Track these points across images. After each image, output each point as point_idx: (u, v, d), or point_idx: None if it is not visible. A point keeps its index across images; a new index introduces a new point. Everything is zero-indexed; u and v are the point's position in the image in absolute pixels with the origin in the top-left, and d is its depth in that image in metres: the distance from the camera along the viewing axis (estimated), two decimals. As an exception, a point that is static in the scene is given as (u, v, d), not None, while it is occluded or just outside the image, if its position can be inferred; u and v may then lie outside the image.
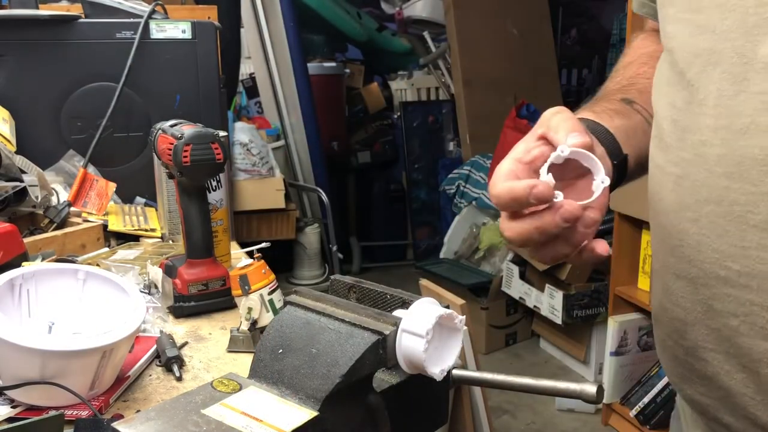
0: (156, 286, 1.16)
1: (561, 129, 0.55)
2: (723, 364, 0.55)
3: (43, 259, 1.16)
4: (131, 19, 1.65)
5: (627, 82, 0.73)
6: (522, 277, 3.06)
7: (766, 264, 0.50)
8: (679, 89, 0.57)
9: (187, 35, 1.68)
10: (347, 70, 4.41)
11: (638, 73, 0.73)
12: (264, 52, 3.69)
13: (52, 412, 0.74)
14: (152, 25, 1.65)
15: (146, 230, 1.47)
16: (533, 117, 3.38)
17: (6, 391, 0.78)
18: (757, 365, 0.52)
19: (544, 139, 0.57)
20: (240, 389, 0.44)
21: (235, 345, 0.99)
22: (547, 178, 0.53)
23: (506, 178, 0.54)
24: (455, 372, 0.49)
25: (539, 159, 0.55)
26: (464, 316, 0.48)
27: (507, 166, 0.56)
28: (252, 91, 3.95)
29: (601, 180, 0.55)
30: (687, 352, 0.59)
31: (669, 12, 0.59)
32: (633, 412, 2.40)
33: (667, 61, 0.60)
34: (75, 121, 1.64)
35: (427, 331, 0.45)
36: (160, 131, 1.11)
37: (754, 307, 0.51)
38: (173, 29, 1.67)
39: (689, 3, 0.56)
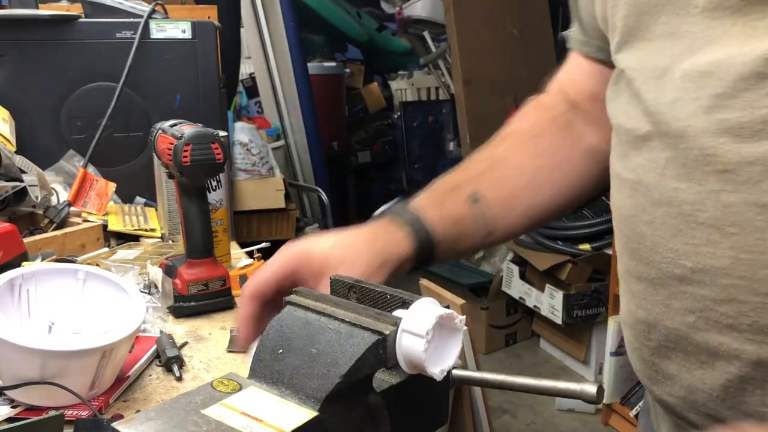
0: (156, 286, 1.16)
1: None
2: (683, 362, 0.57)
3: (42, 259, 1.16)
4: (131, 19, 1.65)
5: (486, 167, 0.73)
6: (522, 277, 3.06)
7: (716, 259, 0.52)
8: (634, 102, 0.59)
9: (187, 35, 1.68)
10: (347, 70, 4.41)
11: (503, 156, 0.74)
12: (264, 52, 3.69)
13: (52, 412, 0.74)
14: (152, 24, 1.65)
15: (146, 230, 1.47)
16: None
17: (6, 391, 0.78)
18: (713, 359, 0.54)
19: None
20: (240, 389, 0.44)
21: (235, 345, 0.99)
22: None
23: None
24: (455, 372, 0.49)
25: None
26: (464, 316, 0.48)
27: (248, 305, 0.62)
28: (252, 91, 3.95)
29: None
30: (652, 352, 0.60)
31: (618, 42, 0.61)
32: (633, 412, 2.40)
33: (623, 80, 0.61)
34: (75, 121, 1.64)
35: (427, 331, 0.45)
36: (160, 131, 1.11)
37: (708, 302, 0.53)
38: (173, 29, 1.67)
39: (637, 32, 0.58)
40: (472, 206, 0.70)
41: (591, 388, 0.45)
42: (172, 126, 1.10)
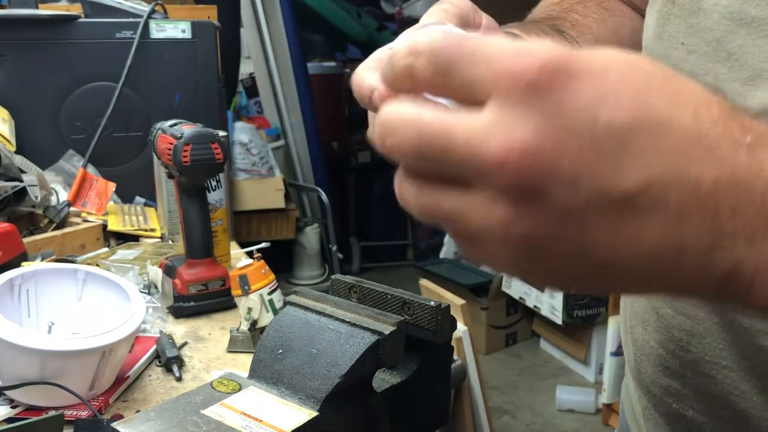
0: (156, 286, 1.16)
1: (430, 18, 0.47)
2: (739, 384, 0.49)
3: (42, 259, 1.16)
4: (131, 19, 1.64)
5: (558, 14, 0.65)
6: (522, 277, 3.06)
7: None
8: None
9: (187, 35, 1.68)
10: (347, 70, 4.41)
11: (572, 8, 0.66)
12: (264, 51, 3.69)
13: (52, 413, 0.74)
14: (152, 24, 1.65)
15: (146, 230, 1.47)
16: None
17: (5, 391, 0.78)
18: None
19: None
20: (240, 389, 0.44)
21: (234, 345, 0.99)
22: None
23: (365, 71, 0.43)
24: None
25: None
26: None
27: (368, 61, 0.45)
28: (252, 90, 3.95)
29: None
30: (685, 364, 0.53)
31: None
32: (633, 412, 2.40)
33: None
34: (74, 121, 1.64)
35: None
36: (159, 131, 1.11)
37: None
38: (173, 29, 1.67)
39: None
40: (559, 35, 0.61)
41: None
42: (171, 126, 1.10)
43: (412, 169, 0.32)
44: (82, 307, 0.90)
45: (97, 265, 1.16)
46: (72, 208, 1.43)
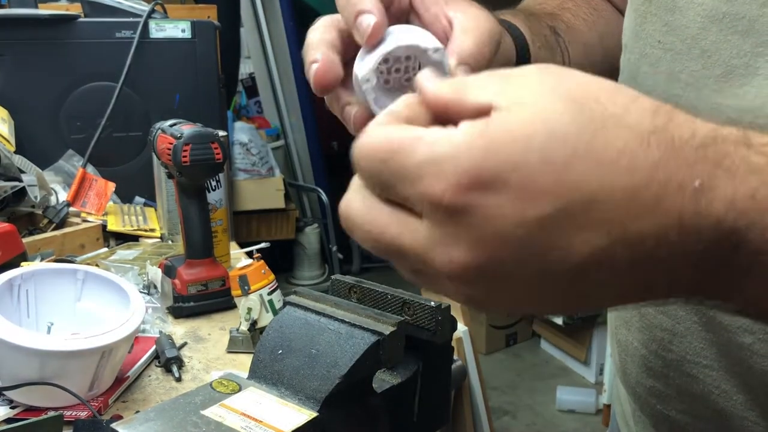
0: (155, 287, 1.16)
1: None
2: (720, 383, 0.49)
3: (42, 260, 1.16)
4: (130, 19, 1.64)
5: (553, 10, 0.64)
6: (522, 277, 3.06)
7: None
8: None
9: (187, 35, 1.68)
10: (347, 70, 4.41)
11: (563, 5, 0.65)
12: (264, 51, 3.69)
13: (51, 413, 0.74)
14: (152, 24, 1.65)
15: (145, 230, 1.47)
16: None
17: (5, 392, 0.78)
18: None
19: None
20: (239, 390, 0.44)
21: (234, 345, 0.99)
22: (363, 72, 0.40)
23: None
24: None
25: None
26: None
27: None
28: (252, 90, 3.95)
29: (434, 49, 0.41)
30: (667, 364, 0.53)
31: None
32: (633, 413, 2.40)
33: None
34: (74, 121, 1.63)
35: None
36: (159, 131, 1.11)
37: None
38: (173, 29, 1.67)
39: None
40: (554, 35, 0.60)
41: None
42: (171, 126, 1.10)
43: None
44: (82, 307, 0.90)
45: (97, 266, 1.16)
46: (71, 208, 1.42)
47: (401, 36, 0.41)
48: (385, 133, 0.32)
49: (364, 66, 0.40)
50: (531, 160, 0.29)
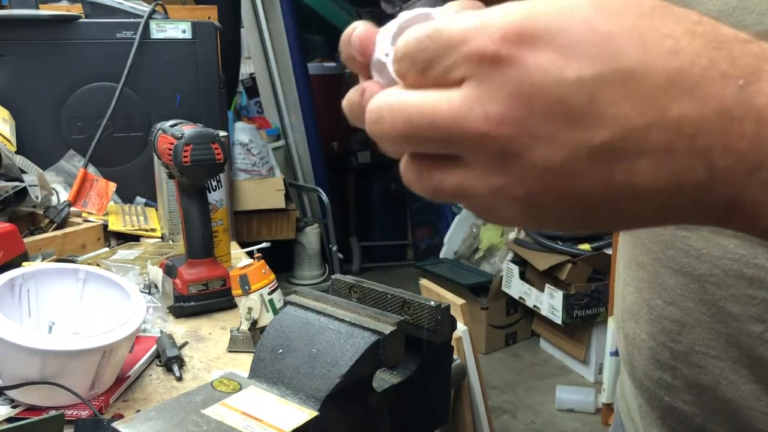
0: (156, 286, 1.16)
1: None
2: (727, 374, 0.49)
3: (43, 259, 1.16)
4: (131, 19, 1.65)
5: None
6: (522, 277, 3.06)
7: None
8: None
9: (187, 35, 1.68)
10: (347, 70, 4.41)
11: None
12: (264, 52, 3.69)
13: (53, 412, 0.74)
14: (152, 25, 1.65)
15: (146, 230, 1.47)
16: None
17: (6, 391, 0.78)
18: None
19: None
20: (240, 389, 0.44)
21: (235, 345, 0.99)
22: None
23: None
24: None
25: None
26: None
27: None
28: (252, 91, 3.95)
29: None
30: (675, 356, 0.53)
31: None
32: (633, 412, 2.40)
33: None
34: (75, 121, 1.64)
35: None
36: (160, 131, 1.11)
37: None
38: (173, 29, 1.67)
39: None
40: None
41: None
42: (172, 126, 1.10)
43: (410, 154, 0.33)
44: (83, 306, 0.90)
45: (98, 265, 1.16)
46: (72, 208, 1.43)
47: (406, 12, 0.42)
48: (432, 22, 0.33)
49: (382, 40, 0.40)
50: (575, 26, 0.29)
